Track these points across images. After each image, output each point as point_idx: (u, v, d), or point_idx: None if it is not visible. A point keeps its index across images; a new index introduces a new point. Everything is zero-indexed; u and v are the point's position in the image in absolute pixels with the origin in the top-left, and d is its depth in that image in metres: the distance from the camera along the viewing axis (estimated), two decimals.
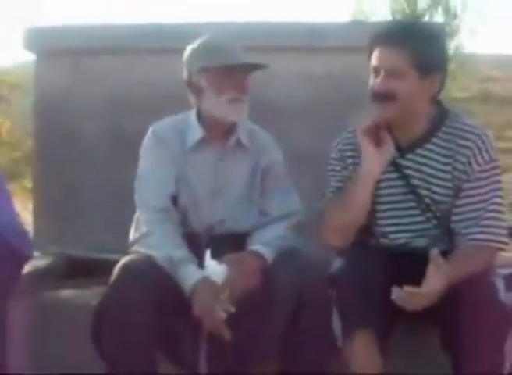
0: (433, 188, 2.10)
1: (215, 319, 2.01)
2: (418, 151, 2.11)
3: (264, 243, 2.17)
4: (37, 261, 2.90)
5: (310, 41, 2.93)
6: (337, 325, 2.02)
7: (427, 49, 2.03)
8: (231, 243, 2.19)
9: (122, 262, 2.09)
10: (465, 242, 2.03)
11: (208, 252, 2.10)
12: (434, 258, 1.85)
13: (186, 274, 2.05)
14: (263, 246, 2.16)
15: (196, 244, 2.16)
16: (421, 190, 2.11)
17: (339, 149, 2.22)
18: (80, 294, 2.67)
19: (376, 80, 2.05)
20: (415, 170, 2.11)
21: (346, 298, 2.01)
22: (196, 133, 2.24)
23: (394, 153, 2.11)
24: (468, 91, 10.66)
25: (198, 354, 2.11)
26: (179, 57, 2.27)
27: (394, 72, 2.02)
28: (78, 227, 3.12)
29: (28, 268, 2.51)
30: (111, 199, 3.06)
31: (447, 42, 8.70)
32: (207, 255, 2.09)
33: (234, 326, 2.02)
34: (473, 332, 1.88)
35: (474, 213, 2.04)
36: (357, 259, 2.07)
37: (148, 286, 1.98)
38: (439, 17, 11.29)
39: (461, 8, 11.53)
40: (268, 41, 2.84)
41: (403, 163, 2.13)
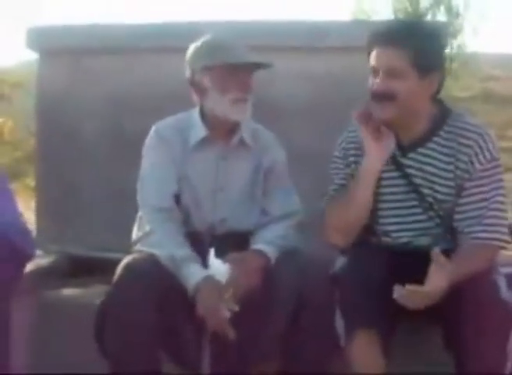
0: (436, 187, 2.09)
1: (219, 318, 2.00)
2: (420, 150, 2.11)
3: (266, 242, 2.17)
4: (40, 260, 2.90)
5: (310, 41, 2.92)
6: (340, 324, 2.02)
7: (426, 48, 2.02)
8: (233, 242, 2.18)
9: (124, 262, 2.08)
10: (468, 241, 2.03)
11: (212, 251, 2.09)
12: (435, 257, 1.86)
13: (189, 273, 2.05)
14: (266, 245, 2.15)
15: (199, 243, 2.16)
16: (424, 189, 2.11)
17: (342, 147, 2.21)
18: (83, 292, 2.68)
19: (375, 80, 2.05)
20: (417, 169, 2.11)
21: (348, 298, 2.01)
22: (199, 131, 2.23)
23: (394, 149, 2.11)
24: (470, 90, 10.61)
25: (201, 353, 2.11)
26: (179, 57, 2.26)
27: (393, 72, 2.01)
28: (78, 227, 3.11)
29: (30, 267, 2.50)
30: (111, 199, 3.06)
31: (449, 41, 8.67)
32: (211, 254, 2.09)
33: (236, 325, 2.01)
34: (475, 331, 1.88)
35: (476, 212, 2.04)
36: (359, 258, 2.07)
37: (151, 285, 1.98)
38: (442, 16, 11.24)
39: (464, 7, 11.49)
40: (269, 41, 2.83)
41: (404, 162, 2.12)
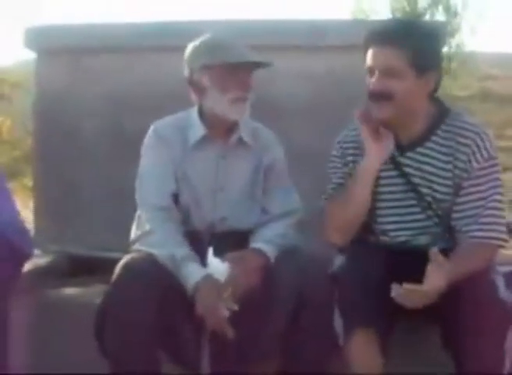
0: (434, 186, 2.10)
1: (218, 317, 2.00)
2: (418, 149, 2.11)
3: (266, 241, 2.17)
4: (39, 259, 2.91)
5: (310, 40, 2.92)
6: (338, 323, 2.02)
7: (423, 48, 2.02)
8: (233, 241, 2.18)
9: (123, 261, 2.08)
10: (465, 240, 2.03)
11: (211, 250, 2.09)
12: (434, 256, 1.86)
13: (188, 272, 2.05)
14: (265, 244, 2.15)
15: (198, 242, 2.16)
16: (422, 188, 2.11)
17: (340, 146, 2.22)
18: (82, 292, 2.67)
19: (372, 80, 2.05)
20: (416, 169, 2.11)
21: (346, 297, 2.01)
22: (198, 130, 2.23)
23: (393, 150, 2.12)
24: (468, 90, 10.63)
25: (201, 353, 2.11)
26: (179, 56, 2.25)
27: (391, 71, 2.01)
28: (78, 226, 3.11)
29: (29, 266, 2.51)
30: (111, 198, 3.06)
31: (447, 40, 8.67)
32: (209, 253, 2.09)
33: (235, 324, 2.01)
34: (473, 330, 1.88)
35: (473, 211, 2.04)
36: (358, 257, 2.07)
37: (150, 284, 1.98)
38: (440, 16, 11.26)
39: (462, 6, 11.51)
40: (269, 40, 2.83)
41: (403, 161, 2.13)
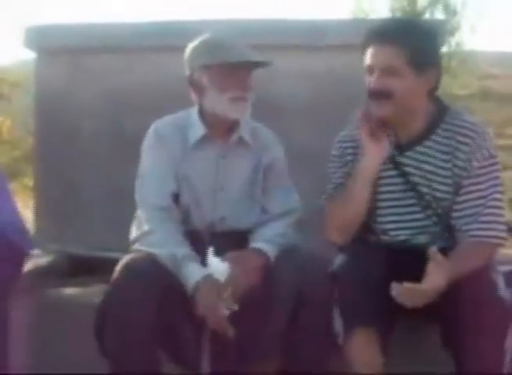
0: (434, 185, 2.10)
1: (219, 317, 2.00)
2: (418, 148, 2.11)
3: (266, 240, 2.17)
4: (39, 259, 2.91)
5: (310, 39, 2.92)
6: (338, 322, 2.03)
7: (422, 46, 2.03)
8: (233, 240, 2.19)
9: (123, 261, 2.08)
10: (465, 239, 2.03)
11: (211, 250, 2.09)
12: (433, 255, 1.86)
13: (188, 272, 2.05)
14: (265, 243, 2.16)
15: (198, 241, 2.16)
16: (422, 187, 2.11)
17: (340, 146, 2.22)
18: (83, 292, 2.67)
19: (372, 78, 2.05)
20: (415, 168, 2.12)
21: (346, 296, 2.01)
22: (198, 130, 2.23)
23: (391, 150, 2.12)
24: (468, 89, 10.63)
25: (201, 352, 2.11)
26: (179, 55, 2.26)
27: (390, 70, 2.01)
28: (78, 226, 3.11)
29: (30, 266, 2.51)
30: (111, 198, 3.06)
31: (446, 39, 8.68)
32: (209, 253, 2.09)
33: (235, 324, 2.01)
34: (473, 329, 1.88)
35: (473, 210, 2.04)
36: (358, 256, 2.07)
37: (150, 284, 1.98)
38: (440, 14, 11.27)
39: (461, 5, 11.51)
40: (269, 39, 2.83)
41: (402, 161, 2.13)
